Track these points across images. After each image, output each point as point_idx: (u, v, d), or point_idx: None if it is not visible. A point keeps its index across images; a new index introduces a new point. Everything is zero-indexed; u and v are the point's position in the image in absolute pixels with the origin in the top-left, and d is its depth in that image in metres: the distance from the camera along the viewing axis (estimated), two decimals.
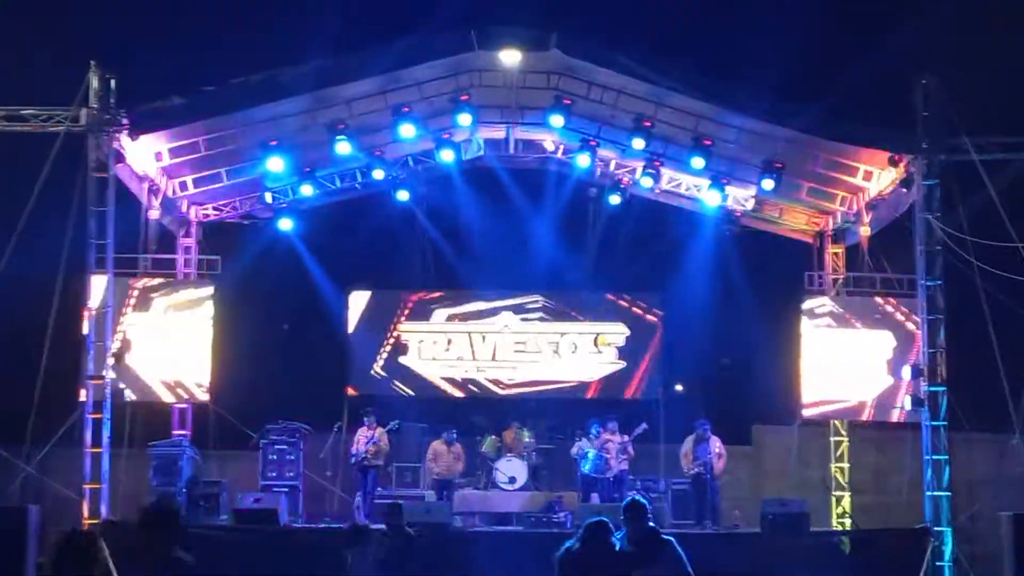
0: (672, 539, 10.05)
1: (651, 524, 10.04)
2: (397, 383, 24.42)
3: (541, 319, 24.78)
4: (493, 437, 22.45)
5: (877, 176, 20.88)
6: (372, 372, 24.49)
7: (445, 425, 22.19)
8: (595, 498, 20.68)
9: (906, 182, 19.81)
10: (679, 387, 24.94)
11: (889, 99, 20.75)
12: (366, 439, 20.89)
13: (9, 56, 20.63)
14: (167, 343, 20.74)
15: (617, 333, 24.67)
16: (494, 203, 23.93)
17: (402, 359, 24.55)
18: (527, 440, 22.52)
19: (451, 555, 16.94)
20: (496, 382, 24.50)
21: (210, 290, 21.19)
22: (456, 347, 24.64)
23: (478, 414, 23.25)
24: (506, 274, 24.47)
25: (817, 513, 20.38)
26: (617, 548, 9.47)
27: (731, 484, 21.45)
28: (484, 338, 24.63)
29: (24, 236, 17.90)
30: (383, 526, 14.30)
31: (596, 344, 24.60)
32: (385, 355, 24.56)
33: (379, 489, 21.26)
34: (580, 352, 24.59)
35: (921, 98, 19.30)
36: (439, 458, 21.43)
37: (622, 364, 24.52)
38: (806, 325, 21.44)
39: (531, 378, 24.53)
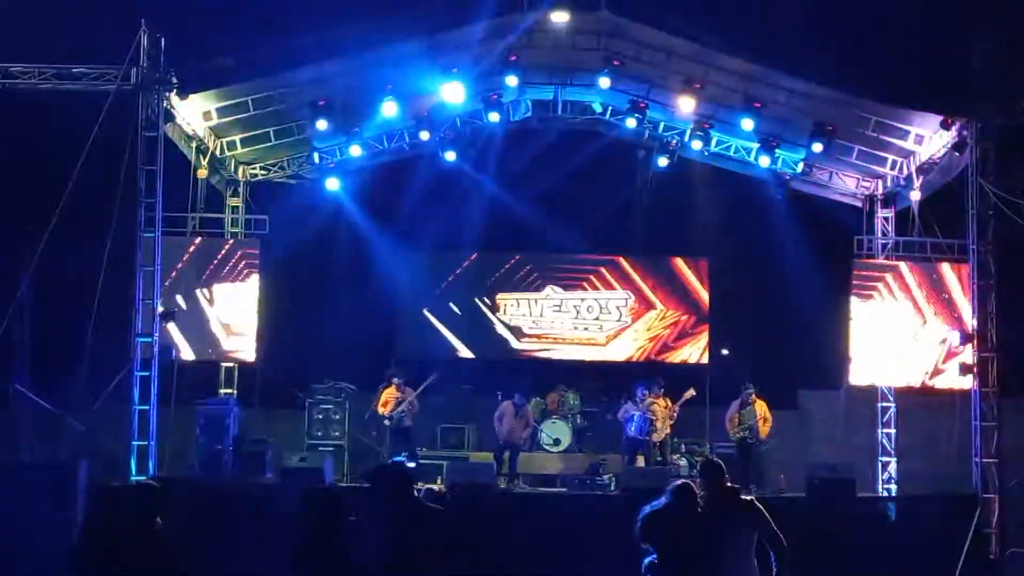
0: (753, 498, 9.94)
1: (730, 484, 9.91)
2: (443, 343, 24.47)
3: (587, 281, 24.73)
4: (537, 399, 22.49)
5: (929, 139, 20.62)
6: (418, 332, 24.54)
7: (490, 387, 22.23)
8: (640, 461, 20.69)
9: (959, 146, 19.57)
10: (725, 351, 24.86)
11: (942, 61, 20.48)
12: (396, 400, 20.81)
13: (61, 15, 20.74)
14: (214, 302, 20.86)
15: (663, 296, 24.61)
16: (541, 165, 23.87)
17: (449, 320, 24.59)
18: (572, 403, 22.55)
19: (492, 515, 16.96)
20: (541, 338, 24.48)
21: (257, 249, 21.27)
22: (502, 309, 24.66)
23: (523, 376, 23.25)
24: (552, 236, 24.44)
25: (863, 479, 20.28)
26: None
27: (776, 449, 21.38)
28: (530, 301, 24.62)
29: (74, 194, 17.98)
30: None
31: (642, 307, 24.54)
32: (432, 315, 24.60)
33: (422, 449, 21.33)
34: (626, 312, 24.53)
35: (976, 60, 19.03)
36: (504, 419, 21.35)
37: (667, 329, 24.46)
38: (854, 289, 21.27)
39: (575, 339, 24.52)
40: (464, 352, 24.73)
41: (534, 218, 24.45)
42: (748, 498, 9.91)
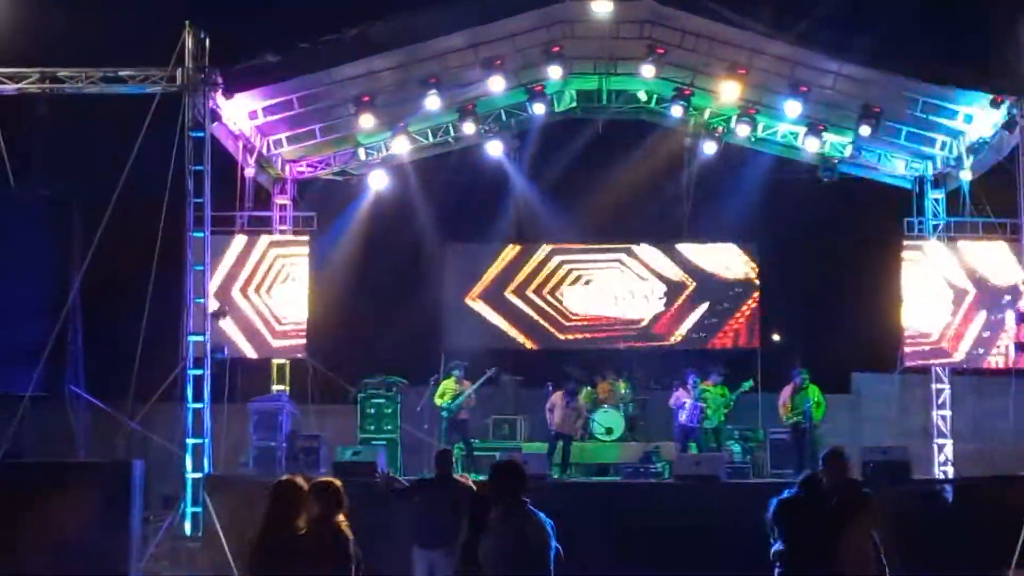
0: (872, 495, 9.93)
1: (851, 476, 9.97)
2: (492, 335, 24.49)
3: (635, 270, 24.68)
4: (589, 389, 22.47)
5: (978, 118, 20.43)
6: (467, 324, 24.58)
7: (539, 378, 22.24)
8: (692, 448, 20.64)
9: (1009, 124, 19.40)
10: (776, 336, 24.73)
11: (991, 39, 20.29)
12: (455, 393, 20.81)
13: (106, 18, 20.90)
14: (265, 300, 20.99)
15: (715, 282, 24.53)
16: (587, 155, 23.84)
17: (498, 311, 24.61)
18: (623, 391, 22.52)
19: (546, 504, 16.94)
20: (590, 326, 24.48)
21: (306, 247, 21.37)
22: (552, 298, 24.64)
23: (573, 366, 23.22)
24: (600, 225, 24.42)
25: (919, 461, 20.15)
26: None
27: (831, 432, 21.22)
28: (579, 290, 24.61)
29: (124, 196, 18.12)
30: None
31: (691, 292, 24.48)
32: (480, 307, 24.63)
33: (474, 441, 21.35)
34: (677, 300, 24.48)
35: None
36: (555, 410, 21.31)
37: (715, 317, 24.39)
38: (906, 271, 21.13)
39: (624, 327, 24.52)
40: (514, 343, 24.70)
41: (580, 208, 24.42)
42: (868, 492, 9.90)
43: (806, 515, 9.36)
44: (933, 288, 21.03)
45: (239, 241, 21.11)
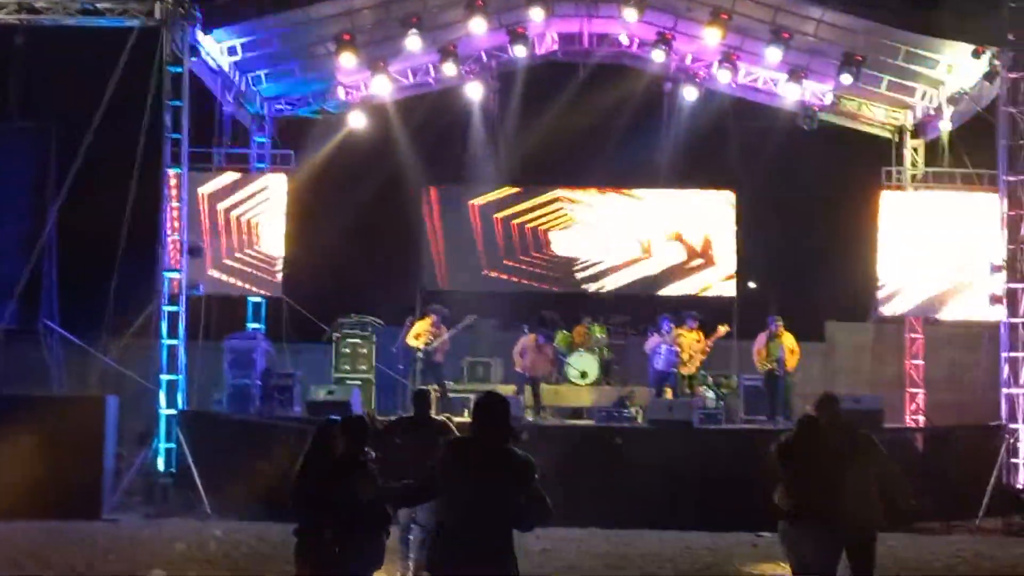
0: (871, 435, 9.97)
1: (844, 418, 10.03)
2: (469, 277, 24.48)
3: (612, 212, 24.66)
4: (564, 332, 22.47)
5: (959, 69, 20.42)
6: (444, 267, 24.55)
7: (515, 320, 22.25)
8: (667, 393, 20.70)
9: (989, 75, 19.40)
10: (752, 283, 24.77)
11: None
12: (429, 335, 20.71)
13: None
14: (241, 236, 20.89)
15: (692, 229, 24.54)
16: (568, 98, 23.74)
17: (475, 252, 24.58)
18: (598, 336, 22.50)
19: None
20: (570, 264, 24.47)
21: (283, 184, 21.26)
22: (529, 240, 24.59)
23: (549, 309, 23.22)
24: (580, 170, 24.37)
25: (892, 410, 20.27)
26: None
27: (804, 381, 21.31)
28: (558, 232, 24.58)
29: (100, 130, 18.00)
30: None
31: (672, 239, 24.48)
32: (458, 249, 24.59)
33: (448, 383, 21.37)
34: (654, 246, 24.48)
35: None
36: (526, 354, 21.29)
37: (698, 259, 24.40)
38: (883, 221, 21.14)
39: (605, 266, 24.53)
40: (490, 286, 24.65)
41: (560, 152, 24.36)
42: (866, 433, 9.96)
43: (804, 456, 9.43)
44: (909, 238, 21.03)
45: (216, 177, 20.97)
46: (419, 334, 20.58)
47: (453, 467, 7.39)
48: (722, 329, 21.25)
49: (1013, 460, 18.52)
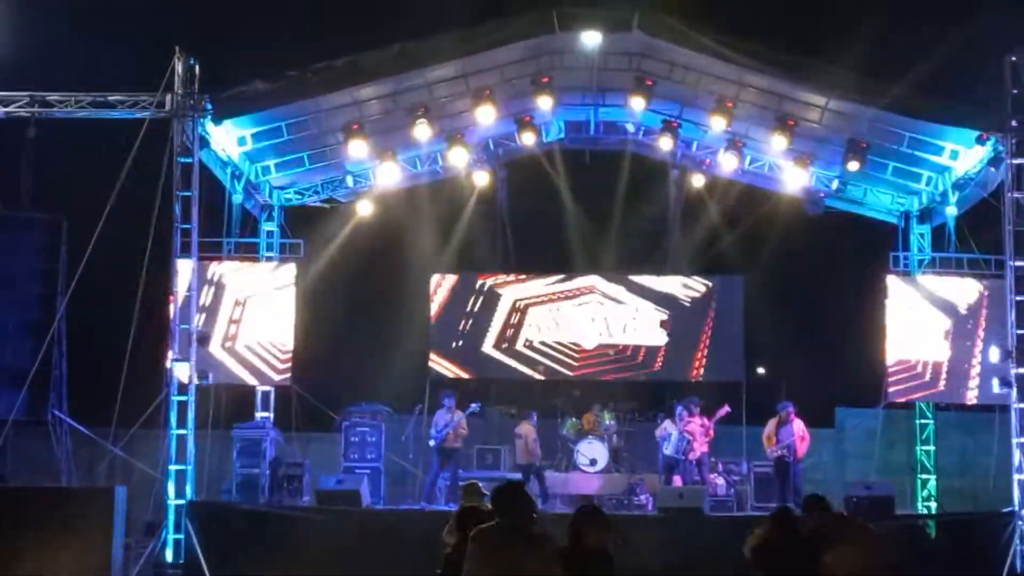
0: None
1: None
2: (478, 366, 24.43)
3: (622, 300, 24.63)
4: (574, 420, 22.45)
5: (964, 155, 20.53)
6: (452, 355, 24.51)
7: (526, 408, 22.25)
8: (677, 480, 20.62)
9: (994, 161, 19.51)
10: (761, 369, 24.75)
11: (976, 77, 20.41)
12: (444, 422, 20.81)
13: (96, 43, 20.94)
14: (251, 326, 20.94)
15: (698, 314, 24.49)
16: (575, 185, 23.88)
17: (483, 341, 24.54)
18: (608, 422, 22.47)
19: None
20: (569, 352, 24.36)
21: (293, 273, 21.34)
22: (537, 328, 24.54)
23: (559, 397, 23.22)
24: (587, 256, 24.43)
25: (902, 496, 20.17)
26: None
27: (814, 467, 21.31)
28: (565, 319, 24.51)
29: (111, 221, 18.11)
30: None
31: (677, 324, 24.43)
32: (466, 337, 24.57)
33: (460, 471, 21.31)
34: (660, 332, 24.42)
35: (1009, 75, 18.97)
36: (528, 440, 21.22)
37: (702, 347, 24.33)
38: (891, 306, 21.17)
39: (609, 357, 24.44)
40: (498, 373, 24.58)
41: (568, 238, 24.42)
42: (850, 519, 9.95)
43: (782, 552, 9.30)
44: (916, 324, 21.05)
45: (225, 267, 21.07)
46: (436, 423, 20.65)
47: None
48: (724, 410, 21.23)
49: None
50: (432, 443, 20.73)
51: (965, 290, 21.04)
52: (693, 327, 24.07)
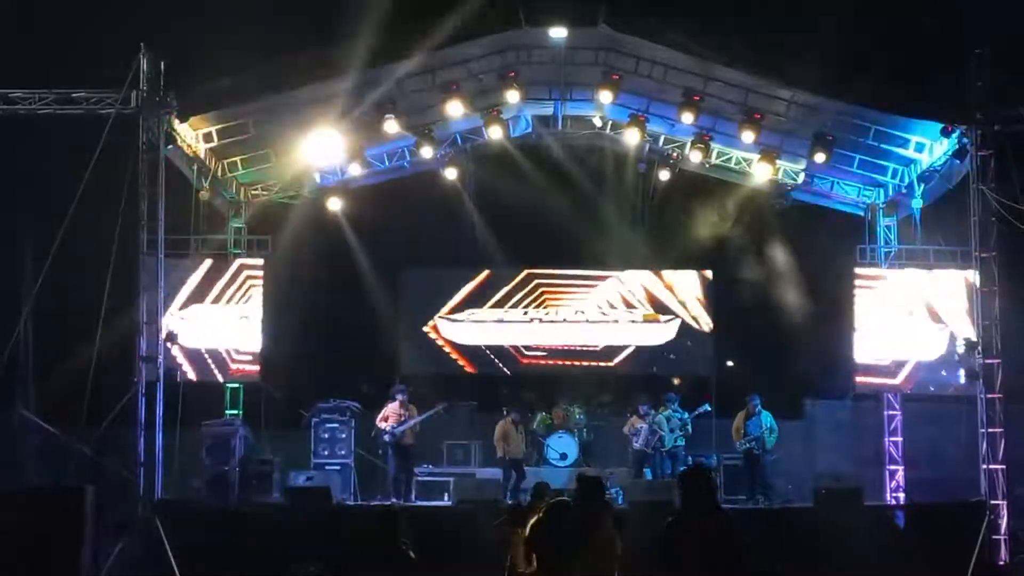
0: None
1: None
2: (447, 360, 24.43)
3: (590, 295, 24.68)
4: (544, 414, 22.48)
5: (930, 147, 20.63)
6: (420, 350, 24.50)
7: (494, 403, 22.22)
8: (647, 473, 20.66)
9: (959, 153, 19.60)
10: (730, 363, 24.82)
11: (941, 69, 20.51)
12: (398, 416, 20.68)
13: (60, 39, 20.78)
14: (218, 323, 20.88)
15: (666, 308, 24.55)
16: (542, 180, 23.86)
17: (450, 337, 24.53)
18: (577, 417, 22.51)
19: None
20: (541, 349, 24.40)
21: (260, 270, 21.28)
22: (504, 324, 24.55)
23: (528, 392, 23.23)
24: (554, 252, 24.44)
25: (871, 487, 20.26)
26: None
27: (783, 459, 21.34)
28: (533, 316, 24.55)
29: (76, 219, 17.99)
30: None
31: (644, 320, 24.48)
32: (433, 333, 24.56)
33: (428, 466, 21.30)
34: (626, 327, 24.46)
35: (974, 68, 19.05)
36: (508, 437, 21.22)
37: (671, 340, 24.41)
38: (858, 298, 21.27)
39: (579, 353, 24.47)
40: (468, 368, 24.61)
41: (535, 234, 24.41)
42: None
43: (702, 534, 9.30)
44: (885, 314, 21.16)
45: (192, 264, 21.01)
46: (386, 416, 20.57)
47: None
48: (705, 407, 21.37)
49: (994, 536, 18.49)
50: (386, 438, 20.61)
51: (931, 281, 21.17)
52: (661, 322, 24.17)
